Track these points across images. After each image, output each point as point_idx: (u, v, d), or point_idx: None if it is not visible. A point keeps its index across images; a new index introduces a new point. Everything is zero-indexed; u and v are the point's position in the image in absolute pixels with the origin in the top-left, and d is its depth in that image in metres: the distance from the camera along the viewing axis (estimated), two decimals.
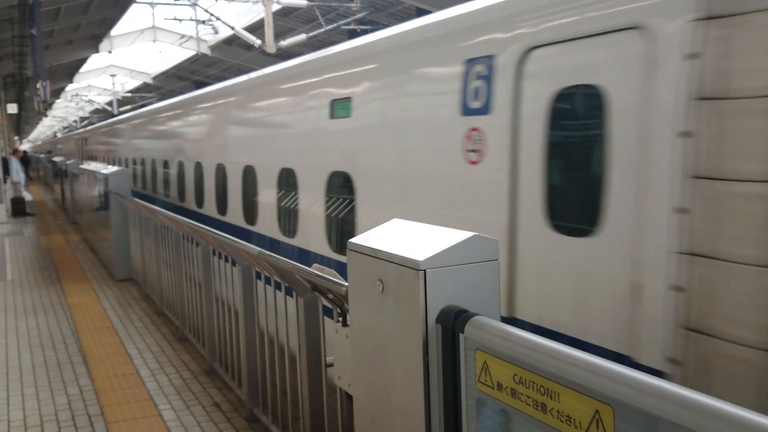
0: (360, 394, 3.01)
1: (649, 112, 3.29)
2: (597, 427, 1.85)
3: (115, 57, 39.79)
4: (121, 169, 12.10)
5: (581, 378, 1.88)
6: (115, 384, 6.26)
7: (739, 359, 2.87)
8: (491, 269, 2.55)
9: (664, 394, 1.68)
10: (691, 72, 3.09)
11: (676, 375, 3.09)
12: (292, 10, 25.33)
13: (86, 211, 15.72)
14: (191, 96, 12.70)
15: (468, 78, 4.48)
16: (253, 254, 4.67)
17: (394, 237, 2.81)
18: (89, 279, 11.49)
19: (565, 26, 3.80)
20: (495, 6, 4.54)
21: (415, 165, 5.06)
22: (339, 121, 6.03)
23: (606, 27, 3.53)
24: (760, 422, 1.46)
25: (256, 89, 8.82)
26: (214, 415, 5.49)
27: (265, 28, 19.87)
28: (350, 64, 6.24)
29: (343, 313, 3.41)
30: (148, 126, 15.44)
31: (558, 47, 3.83)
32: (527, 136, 3.99)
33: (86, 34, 26.23)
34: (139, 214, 9.86)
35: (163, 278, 8.47)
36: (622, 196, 3.43)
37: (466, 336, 2.36)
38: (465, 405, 2.40)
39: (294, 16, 26.00)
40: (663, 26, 3.24)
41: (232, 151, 9.32)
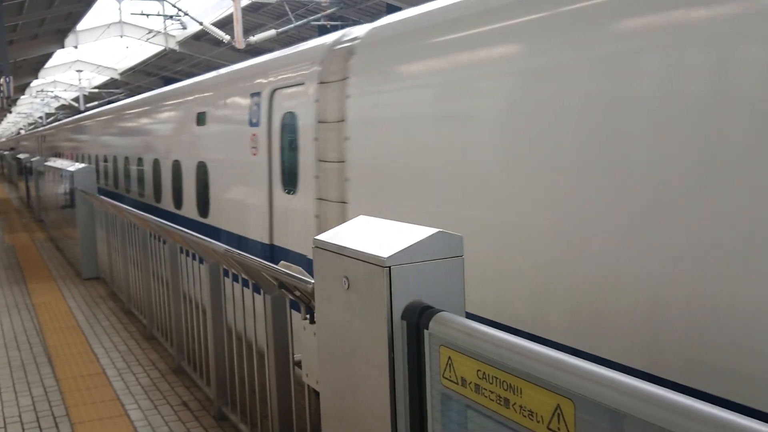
0: (326, 391, 3.01)
1: (309, 127, 6.09)
2: (558, 421, 1.87)
3: (81, 52, 39.14)
4: (86, 166, 11.94)
5: (543, 373, 1.90)
6: (80, 384, 6.18)
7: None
8: (456, 265, 2.57)
9: (624, 388, 1.71)
10: (317, 108, 5.96)
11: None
12: (261, 5, 25.15)
13: (52, 209, 15.48)
14: (119, 104, 16.64)
15: (251, 105, 7.45)
16: (220, 252, 4.64)
17: (360, 234, 2.81)
18: (55, 278, 11.32)
19: (286, 79, 6.76)
20: (260, 63, 7.89)
21: (232, 156, 8.10)
22: (201, 127, 9.27)
23: (296, 82, 6.47)
24: (719, 416, 1.49)
25: (164, 101, 11.93)
26: (182, 414, 5.45)
27: (234, 23, 19.72)
28: (205, 89, 9.66)
29: (310, 311, 3.40)
30: (91, 126, 19.61)
31: (284, 90, 6.75)
32: (273, 139, 6.90)
33: (51, 29, 25.82)
34: (106, 212, 9.73)
35: (131, 276, 8.38)
36: (302, 171, 6.26)
37: (430, 332, 2.37)
38: (430, 401, 2.41)
39: (264, 11, 25.83)
40: (310, 85, 6.15)
41: (146, 148, 12.57)
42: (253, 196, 7.29)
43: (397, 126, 4.90)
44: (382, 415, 2.57)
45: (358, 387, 2.73)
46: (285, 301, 3.98)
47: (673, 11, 3.08)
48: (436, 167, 4.49)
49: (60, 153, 24.92)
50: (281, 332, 4.02)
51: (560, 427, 1.86)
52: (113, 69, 43.03)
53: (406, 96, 4.90)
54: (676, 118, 3.01)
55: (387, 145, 5.01)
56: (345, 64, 5.59)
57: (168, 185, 10.69)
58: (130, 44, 35.18)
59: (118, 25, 31.65)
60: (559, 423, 1.86)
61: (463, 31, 4.40)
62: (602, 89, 3.37)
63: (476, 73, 4.22)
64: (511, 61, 4.00)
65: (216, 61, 29.85)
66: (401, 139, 4.85)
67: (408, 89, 4.91)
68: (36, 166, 19.13)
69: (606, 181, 3.31)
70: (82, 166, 11.88)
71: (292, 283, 3.51)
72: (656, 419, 1.58)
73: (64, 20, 24.49)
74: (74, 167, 11.98)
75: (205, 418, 5.34)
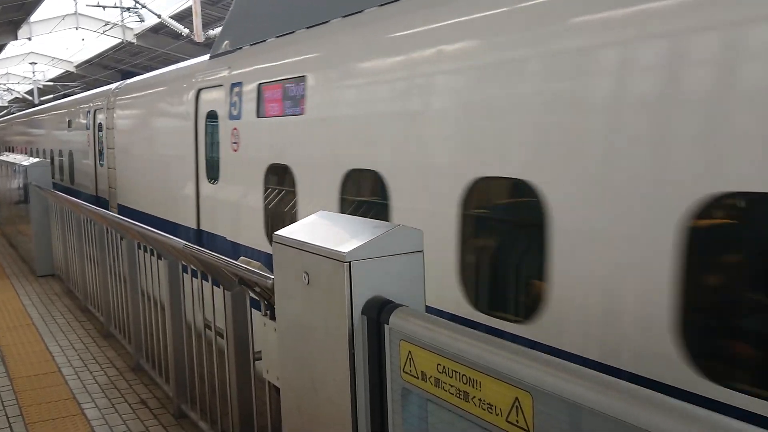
0: (287, 387, 3.00)
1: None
2: (517, 414, 1.89)
3: (35, 44, 38.24)
4: (41, 160, 11.68)
5: (501, 366, 1.92)
6: (35, 383, 6.04)
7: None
8: (416, 260, 2.57)
9: (582, 380, 1.73)
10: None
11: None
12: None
13: (4, 205, 15.11)
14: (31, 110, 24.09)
15: (89, 116, 13.19)
16: (178, 248, 4.59)
17: (320, 229, 2.80)
18: (8, 275, 11.05)
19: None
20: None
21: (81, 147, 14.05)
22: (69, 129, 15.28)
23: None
24: (676, 405, 1.52)
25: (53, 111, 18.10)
26: (140, 412, 5.36)
27: (193, 16, 19.47)
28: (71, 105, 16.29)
29: (270, 306, 3.38)
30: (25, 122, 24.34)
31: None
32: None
33: (3, 20, 25.13)
34: (61, 208, 9.53)
35: (87, 273, 8.22)
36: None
37: (391, 327, 2.37)
38: (390, 395, 2.42)
39: (223, 4, 25.51)
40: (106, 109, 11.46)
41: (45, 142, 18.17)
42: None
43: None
44: (343, 409, 2.56)
45: (319, 382, 2.72)
46: (245, 297, 3.94)
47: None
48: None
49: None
50: (241, 328, 3.99)
51: (519, 420, 1.88)
52: (69, 62, 42.11)
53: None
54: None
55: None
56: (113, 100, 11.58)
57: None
58: (86, 36, 34.48)
59: (74, 17, 30.98)
60: (517, 416, 1.88)
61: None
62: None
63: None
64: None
65: (175, 55, 29.41)
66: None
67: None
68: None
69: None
70: (36, 161, 11.61)
71: (252, 279, 3.48)
72: (613, 411, 1.60)
73: (16, 11, 23.86)
74: (28, 162, 11.71)
75: (164, 416, 5.26)
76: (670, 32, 2.99)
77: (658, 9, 3.05)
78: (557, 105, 3.45)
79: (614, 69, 3.22)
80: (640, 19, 3.11)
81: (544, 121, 3.51)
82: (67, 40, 41.69)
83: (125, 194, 11.48)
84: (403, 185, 4.57)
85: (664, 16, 3.03)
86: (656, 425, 1.50)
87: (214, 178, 7.73)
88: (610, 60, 3.26)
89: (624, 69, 3.17)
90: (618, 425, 1.58)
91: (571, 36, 3.43)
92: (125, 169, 11.47)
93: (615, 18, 3.24)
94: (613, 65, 3.23)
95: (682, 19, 2.95)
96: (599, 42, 3.31)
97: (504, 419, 1.92)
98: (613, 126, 3.17)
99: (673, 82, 2.94)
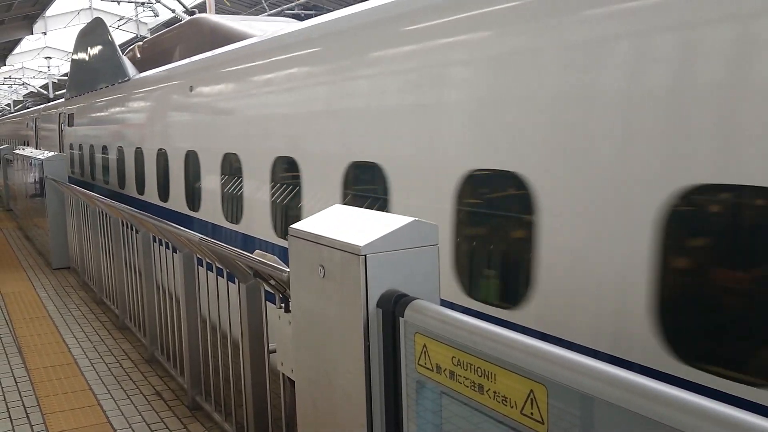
0: (302, 380, 3.02)
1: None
2: (532, 407, 1.90)
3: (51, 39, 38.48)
4: (57, 154, 11.77)
5: (516, 359, 1.93)
6: (52, 374, 6.11)
7: None
8: (431, 253, 2.59)
9: (596, 373, 1.74)
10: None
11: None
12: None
13: (21, 198, 15.24)
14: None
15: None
16: (194, 241, 4.62)
17: (336, 223, 2.82)
18: (24, 267, 11.16)
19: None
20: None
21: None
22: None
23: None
24: (691, 400, 1.52)
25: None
26: (155, 403, 5.42)
27: (207, 11, 19.51)
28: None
29: (285, 299, 3.40)
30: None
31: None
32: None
33: (19, 15, 25.31)
34: (77, 201, 9.61)
35: (102, 266, 8.29)
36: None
37: (405, 320, 2.39)
38: (405, 388, 2.43)
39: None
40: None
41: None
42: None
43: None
44: (358, 402, 2.58)
45: (334, 375, 2.74)
46: (260, 290, 3.97)
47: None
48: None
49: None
50: (256, 321, 4.02)
51: (533, 413, 1.89)
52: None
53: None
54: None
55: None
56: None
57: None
58: None
59: (89, 12, 31.15)
60: (532, 408, 1.89)
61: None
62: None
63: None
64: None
65: None
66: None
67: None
68: (4, 154, 18.80)
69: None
70: (52, 154, 11.70)
71: (267, 271, 3.50)
72: (628, 404, 1.61)
73: (32, 6, 24.03)
74: (44, 155, 11.80)
75: (178, 408, 5.32)
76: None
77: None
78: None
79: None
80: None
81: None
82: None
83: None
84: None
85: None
86: (671, 418, 1.51)
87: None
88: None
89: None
90: (633, 418, 1.59)
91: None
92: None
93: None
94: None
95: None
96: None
97: (519, 411, 1.93)
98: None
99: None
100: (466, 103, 4.18)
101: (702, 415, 1.47)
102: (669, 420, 1.51)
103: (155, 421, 5.10)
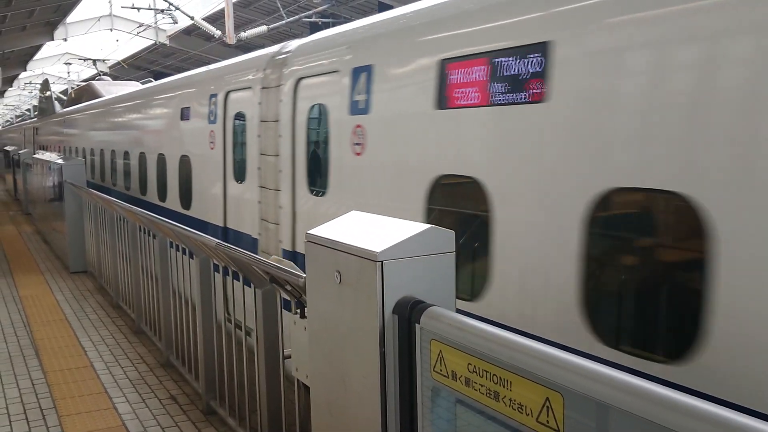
0: (317, 385, 3.03)
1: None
2: (548, 414, 1.90)
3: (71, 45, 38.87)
4: (75, 158, 11.89)
5: (532, 366, 1.93)
6: (68, 377, 6.16)
7: None
8: (447, 260, 2.59)
9: (613, 382, 1.74)
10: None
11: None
12: (252, 1, 25.10)
13: (40, 202, 15.39)
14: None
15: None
16: (210, 246, 4.65)
17: (352, 229, 2.83)
18: (42, 271, 11.27)
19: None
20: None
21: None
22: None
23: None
24: (706, 409, 1.52)
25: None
26: (170, 408, 5.44)
27: (225, 18, 19.67)
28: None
29: (301, 305, 3.41)
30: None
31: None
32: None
33: (41, 21, 25.63)
34: (95, 205, 9.70)
35: (119, 270, 8.36)
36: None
37: (421, 326, 2.39)
38: (420, 394, 2.44)
39: (255, 7, 25.77)
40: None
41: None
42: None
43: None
44: (373, 408, 2.59)
45: (349, 381, 2.75)
46: (276, 296, 3.99)
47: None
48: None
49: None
50: (271, 326, 4.03)
51: (549, 420, 1.89)
52: (103, 62, 42.73)
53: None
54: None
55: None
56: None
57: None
58: (120, 38, 34.98)
59: (109, 18, 31.48)
60: (548, 416, 1.89)
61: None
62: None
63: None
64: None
65: (206, 56, 29.73)
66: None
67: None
68: (24, 158, 19.01)
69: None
70: (71, 159, 11.82)
71: (284, 277, 3.52)
72: (644, 413, 1.61)
73: (53, 12, 24.32)
74: (62, 160, 11.92)
75: (193, 412, 5.34)
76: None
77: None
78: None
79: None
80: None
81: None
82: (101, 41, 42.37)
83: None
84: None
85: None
86: (689, 428, 1.50)
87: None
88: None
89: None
90: (648, 426, 1.58)
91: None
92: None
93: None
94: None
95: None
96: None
97: (534, 419, 1.93)
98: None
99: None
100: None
101: (721, 425, 1.46)
102: (687, 430, 1.50)
103: (170, 425, 5.12)
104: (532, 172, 3.66)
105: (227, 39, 19.82)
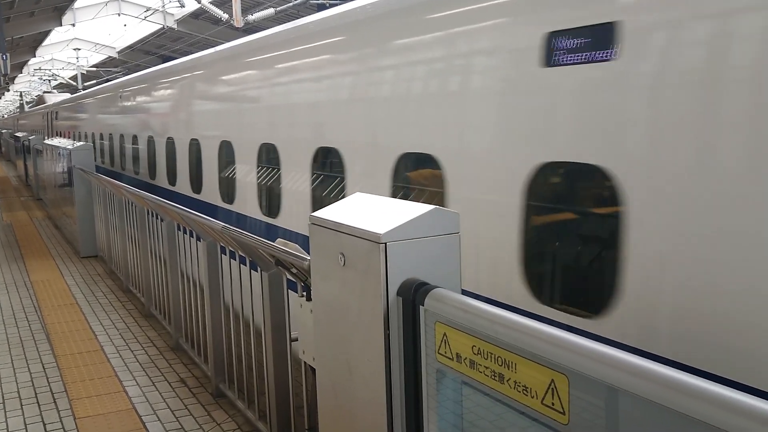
0: (323, 368, 3.02)
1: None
2: (553, 396, 1.87)
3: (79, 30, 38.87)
4: (84, 144, 11.91)
5: (537, 348, 1.90)
6: (79, 361, 6.20)
7: None
8: (452, 242, 2.56)
9: (618, 363, 1.71)
10: None
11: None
12: None
13: (50, 188, 15.45)
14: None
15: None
16: (217, 229, 4.64)
17: (356, 211, 2.81)
18: (53, 256, 11.33)
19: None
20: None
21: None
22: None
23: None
24: (713, 390, 1.49)
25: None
26: (179, 390, 5.47)
27: (232, 2, 19.56)
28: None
29: (306, 288, 3.40)
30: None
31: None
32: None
33: (48, 6, 25.61)
34: (104, 190, 9.72)
35: (129, 255, 8.38)
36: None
37: (426, 308, 2.37)
38: (425, 376, 2.42)
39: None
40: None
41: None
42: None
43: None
44: (378, 390, 2.57)
45: (354, 363, 2.73)
46: (282, 278, 3.98)
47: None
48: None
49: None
50: (278, 310, 4.02)
51: (554, 402, 1.86)
52: (111, 47, 42.73)
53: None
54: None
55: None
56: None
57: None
58: (128, 22, 34.93)
59: (116, 3, 31.39)
60: (553, 398, 1.87)
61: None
62: None
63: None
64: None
65: (214, 40, 29.62)
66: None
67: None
68: (34, 144, 19.08)
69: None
70: (80, 144, 11.84)
71: (289, 260, 3.50)
72: (650, 394, 1.58)
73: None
74: (72, 145, 11.95)
75: (202, 395, 5.36)
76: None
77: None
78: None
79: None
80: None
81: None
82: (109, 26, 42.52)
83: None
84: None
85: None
86: (694, 410, 1.48)
87: None
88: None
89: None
90: (655, 408, 1.56)
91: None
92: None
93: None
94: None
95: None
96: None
97: (539, 401, 1.91)
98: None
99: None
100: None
101: (729, 407, 1.43)
102: (694, 412, 1.47)
103: (179, 407, 5.14)
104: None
105: (235, 22, 19.73)
